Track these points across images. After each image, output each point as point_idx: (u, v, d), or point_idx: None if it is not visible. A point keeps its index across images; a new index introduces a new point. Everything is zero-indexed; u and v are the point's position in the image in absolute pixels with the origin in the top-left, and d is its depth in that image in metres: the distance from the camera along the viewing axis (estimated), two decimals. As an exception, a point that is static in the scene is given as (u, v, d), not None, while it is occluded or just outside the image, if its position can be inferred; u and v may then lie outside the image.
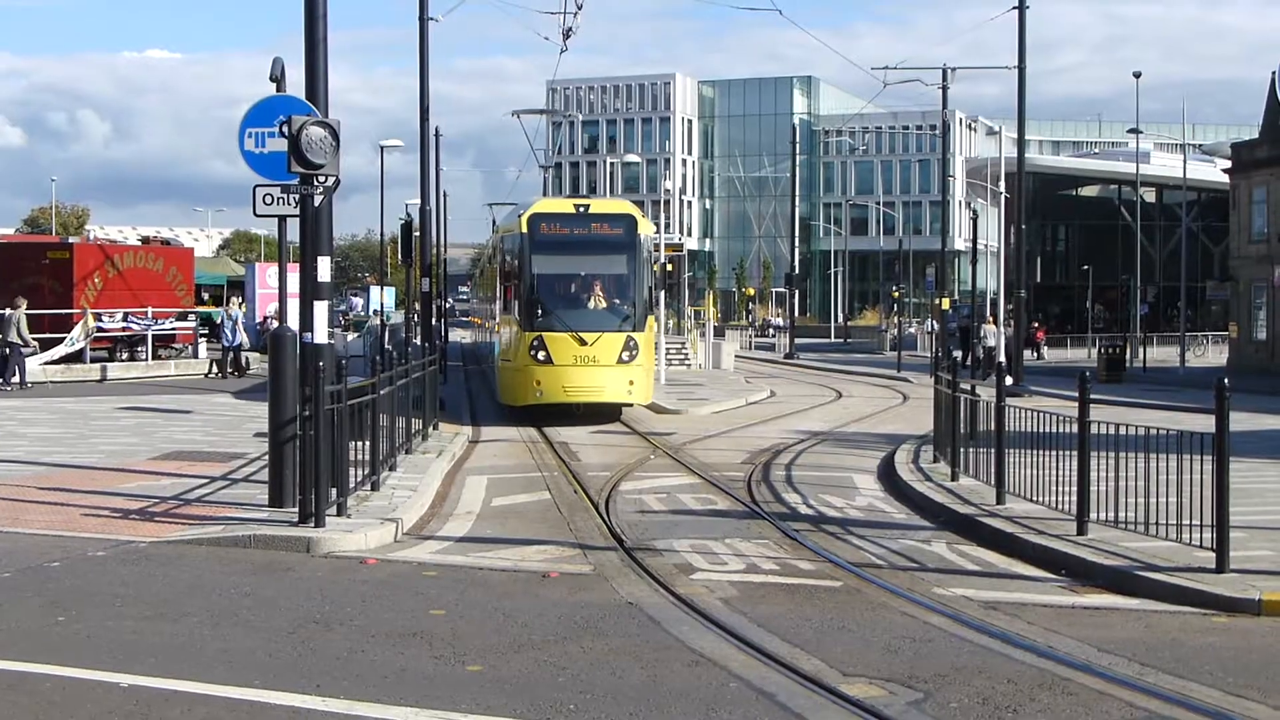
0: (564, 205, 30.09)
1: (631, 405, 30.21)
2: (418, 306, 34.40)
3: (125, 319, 43.98)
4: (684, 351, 54.19)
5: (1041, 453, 15.63)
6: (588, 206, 29.76)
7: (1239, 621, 11.18)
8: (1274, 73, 13.10)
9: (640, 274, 28.94)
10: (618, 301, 28.91)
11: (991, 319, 53.72)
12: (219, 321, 45.24)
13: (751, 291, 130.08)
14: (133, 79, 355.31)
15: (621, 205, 31.43)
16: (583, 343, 27.71)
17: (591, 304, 28.71)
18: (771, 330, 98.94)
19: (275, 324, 34.33)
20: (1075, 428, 14.38)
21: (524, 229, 28.48)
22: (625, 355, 27.94)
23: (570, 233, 28.94)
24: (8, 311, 36.46)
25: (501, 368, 30.88)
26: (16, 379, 35.92)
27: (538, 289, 28.41)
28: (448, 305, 69.36)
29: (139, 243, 55.37)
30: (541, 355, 27.73)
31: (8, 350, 36.10)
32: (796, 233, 79.85)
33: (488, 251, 45.57)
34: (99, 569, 12.80)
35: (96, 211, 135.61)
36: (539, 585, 12.57)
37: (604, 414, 29.13)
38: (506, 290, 30.10)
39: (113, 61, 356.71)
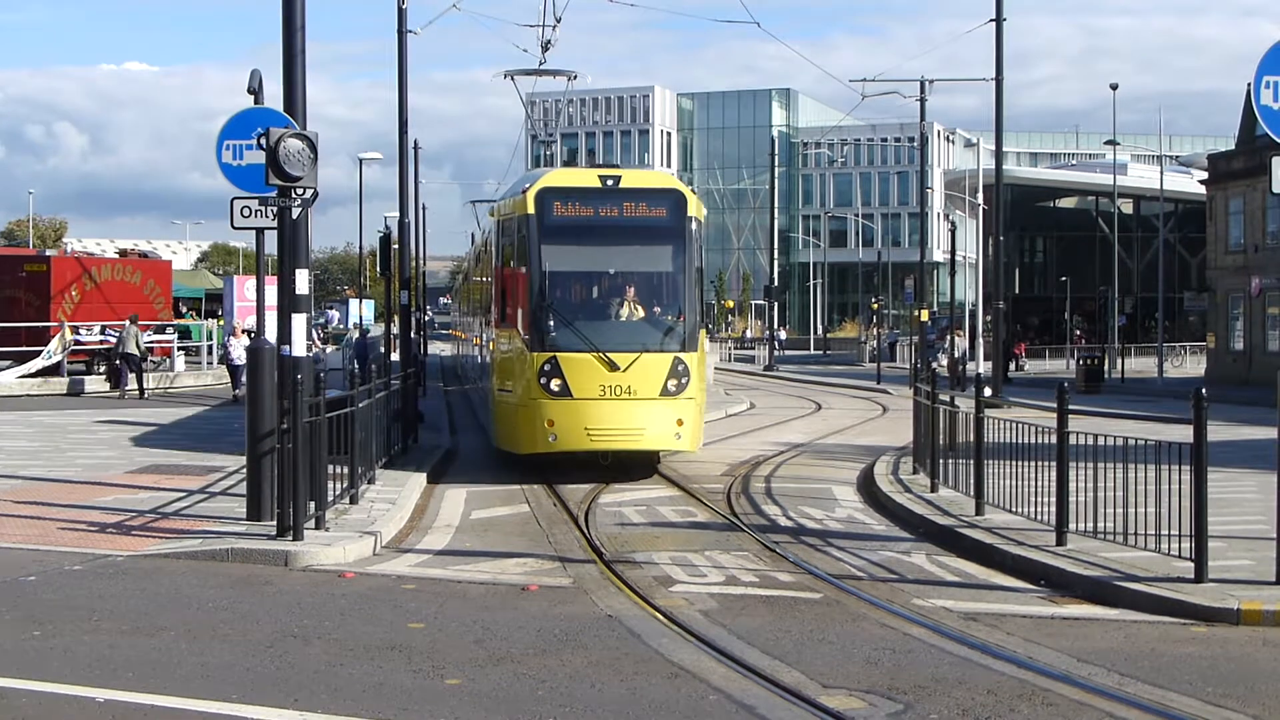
0: (585, 177, 22.28)
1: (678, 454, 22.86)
2: (396, 319, 33.93)
3: (103, 332, 43.78)
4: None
5: (1021, 463, 15.64)
6: (619, 179, 21.66)
7: (1218, 631, 11.20)
8: (1249, 84, 13.24)
9: (690, 271, 21.41)
10: (660, 310, 21.60)
11: (958, 330, 53.92)
12: (224, 341, 42.89)
13: (731, 304, 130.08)
14: (110, 92, 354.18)
15: (663, 178, 24.35)
16: (614, 367, 20.28)
17: (624, 313, 21.37)
18: (751, 343, 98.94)
19: (232, 340, 34.05)
20: (1054, 438, 14.40)
21: (531, 208, 21.08)
22: (672, 384, 20.50)
23: (595, 214, 21.61)
24: (125, 323, 38.65)
25: (499, 402, 22.36)
26: (133, 388, 37.70)
27: (551, 293, 20.97)
28: (427, 318, 69.22)
29: (116, 255, 55.26)
30: (556, 385, 20.29)
31: (124, 361, 37.96)
32: (776, 245, 79.78)
33: (476, 246, 33.68)
34: (75, 583, 12.73)
35: (74, 224, 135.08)
36: (518, 598, 12.54)
37: (637, 465, 21.83)
38: (505, 295, 22.14)
39: (90, 74, 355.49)
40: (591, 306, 21.75)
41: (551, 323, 20.73)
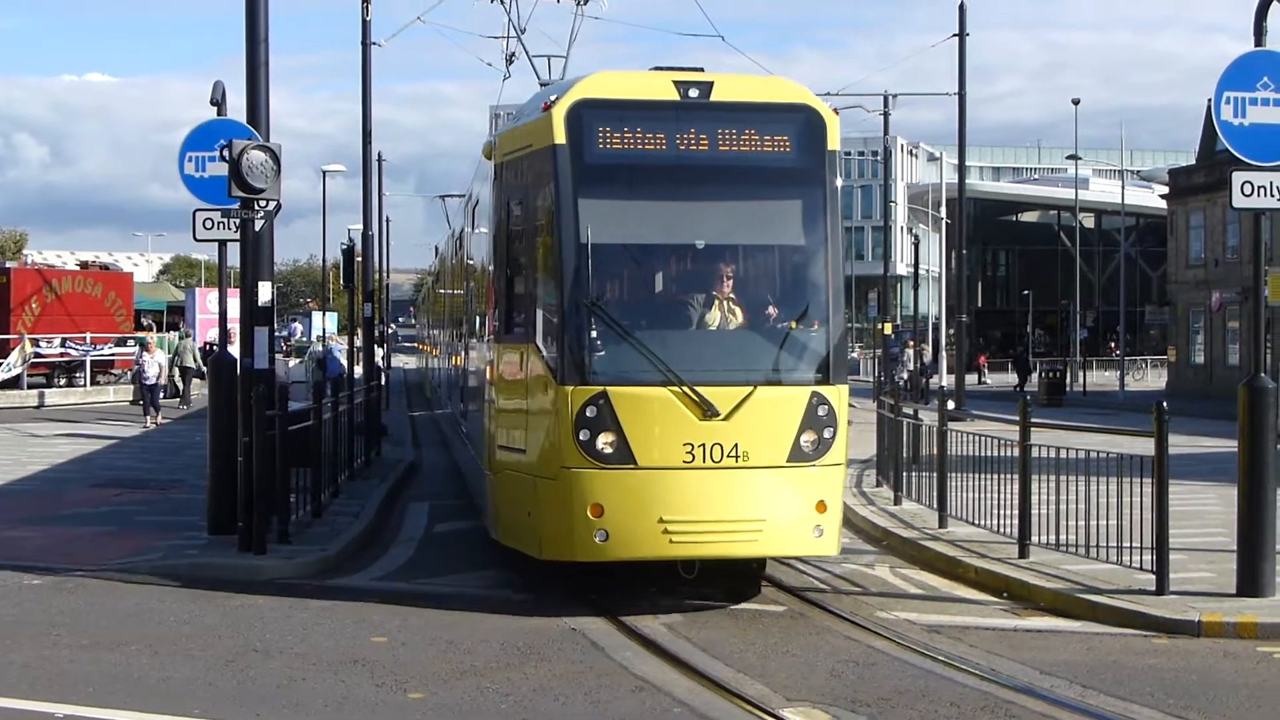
0: (652, 83, 13.16)
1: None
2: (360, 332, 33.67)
3: (63, 344, 43.52)
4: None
5: (983, 476, 15.69)
6: (708, 88, 13.01)
7: (1179, 643, 11.25)
8: (1210, 100, 13.39)
9: (831, 245, 13.02)
10: (783, 311, 13.09)
11: (912, 343, 54.23)
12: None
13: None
14: (70, 103, 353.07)
15: (783, 87, 13.64)
16: (708, 412, 12.08)
17: (721, 317, 12.89)
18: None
19: (145, 356, 33.75)
20: (1017, 451, 14.47)
21: (560, 136, 12.64)
22: (808, 441, 12.41)
23: (670, 147, 12.98)
24: (179, 338, 40.01)
25: (500, 467, 13.79)
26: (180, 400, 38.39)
27: (597, 282, 12.52)
28: (390, 331, 69.09)
29: (78, 267, 54.89)
30: (607, 444, 12.07)
31: (181, 374, 38.80)
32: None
33: (461, 221, 21.66)
34: (35, 597, 12.63)
35: (34, 236, 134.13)
36: (481, 611, 12.49)
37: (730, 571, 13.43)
38: (512, 288, 13.59)
39: (50, 85, 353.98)
40: (665, 305, 13.20)
41: (597, 334, 12.27)
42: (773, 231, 13.64)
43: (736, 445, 12.12)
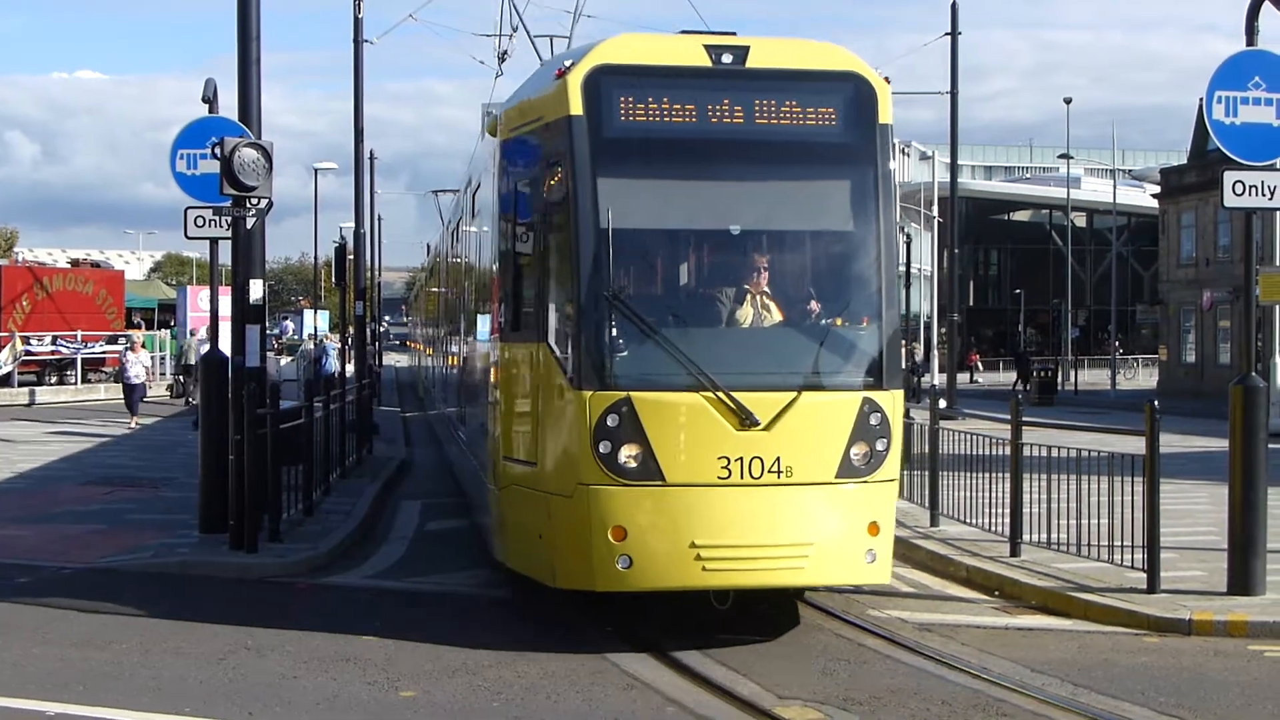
0: (680, 47, 11.80)
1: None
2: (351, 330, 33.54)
3: (54, 342, 43.45)
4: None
5: (975, 475, 15.71)
6: (744, 53, 11.63)
7: (1170, 641, 11.26)
8: (1201, 99, 13.35)
9: (884, 231, 11.63)
10: (829, 306, 11.73)
11: (904, 342, 54.31)
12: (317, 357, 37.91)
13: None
14: (62, 100, 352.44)
15: (827, 51, 12.18)
16: (746, 420, 10.76)
17: (753, 312, 11.53)
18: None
19: (130, 356, 32.61)
20: (1008, 450, 14.47)
21: (577, 106, 11.28)
22: (858, 454, 11.07)
23: (701, 120, 11.57)
24: (188, 336, 39.78)
25: (507, 480, 12.23)
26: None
27: (618, 272, 11.15)
28: (382, 329, 69.08)
29: (69, 265, 54.81)
30: (630, 457, 10.76)
31: (186, 374, 38.87)
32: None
33: (458, 212, 20.10)
34: (25, 596, 12.60)
35: (25, 234, 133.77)
36: (471, 609, 12.49)
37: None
38: (520, 279, 12.01)
39: (42, 83, 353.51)
40: (696, 299, 11.80)
41: (618, 331, 10.95)
42: (817, 216, 12.14)
43: (779, 459, 10.72)
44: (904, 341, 55.38)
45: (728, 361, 11.08)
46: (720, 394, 10.67)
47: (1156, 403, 12.55)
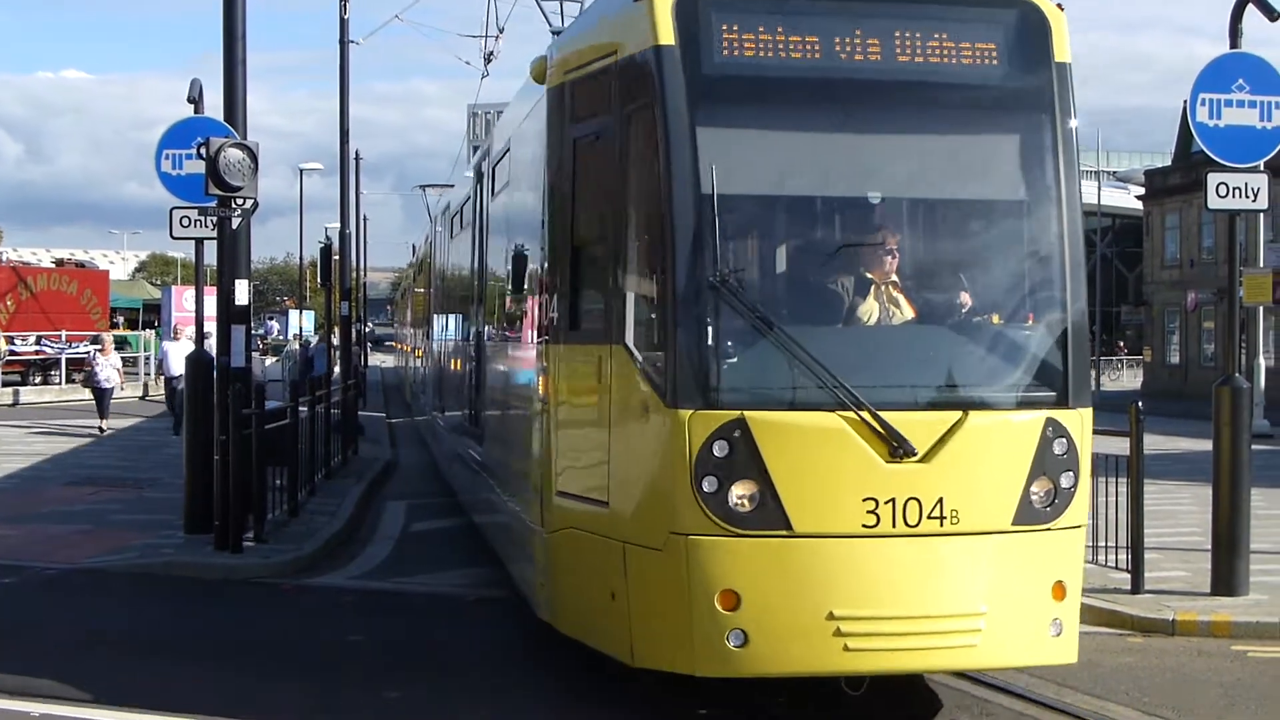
0: None
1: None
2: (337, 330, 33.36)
3: (39, 342, 43.34)
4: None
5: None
6: None
7: (1154, 642, 11.30)
8: (1185, 102, 13.33)
9: (1066, 200, 8.80)
10: (993, 299, 8.96)
11: None
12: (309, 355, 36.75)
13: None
14: (47, 99, 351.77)
15: None
16: (898, 449, 8.03)
17: (901, 308, 8.75)
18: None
19: (100, 358, 31.02)
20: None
21: (669, 34, 8.41)
22: (1040, 492, 8.36)
23: (825, 56, 8.66)
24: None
25: (565, 520, 9.34)
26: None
27: (724, 250, 8.31)
28: (367, 329, 69.03)
29: (53, 265, 54.70)
30: (744, 497, 7.98)
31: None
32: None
33: (484, 168, 14.74)
34: (11, 596, 12.60)
35: (9, 233, 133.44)
36: (458, 610, 12.49)
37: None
38: (579, 263, 9.35)
39: (27, 82, 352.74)
40: (826, 290, 8.85)
41: (727, 330, 8.27)
42: (981, 181, 9.24)
43: (941, 500, 8.08)
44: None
45: (870, 372, 8.41)
46: (866, 414, 8.03)
47: (1141, 404, 12.59)
